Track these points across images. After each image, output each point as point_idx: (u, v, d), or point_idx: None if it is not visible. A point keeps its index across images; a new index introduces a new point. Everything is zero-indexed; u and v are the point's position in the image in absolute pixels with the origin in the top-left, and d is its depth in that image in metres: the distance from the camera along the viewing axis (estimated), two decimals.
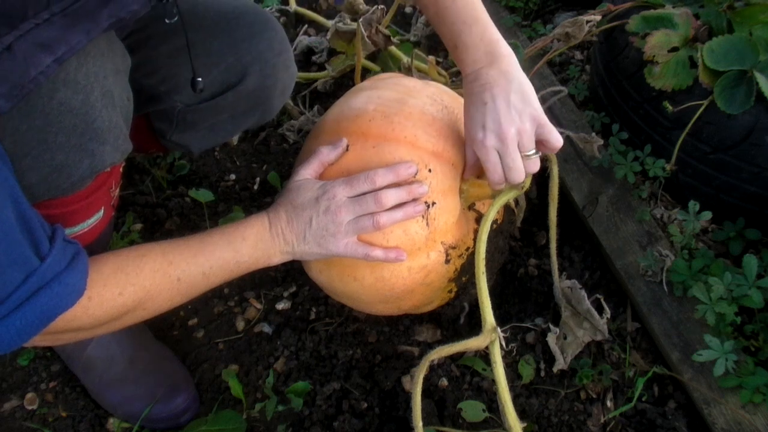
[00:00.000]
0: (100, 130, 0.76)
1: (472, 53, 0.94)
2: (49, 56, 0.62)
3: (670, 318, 1.14)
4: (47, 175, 0.74)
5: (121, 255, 0.82)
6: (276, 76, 1.07)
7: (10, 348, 0.69)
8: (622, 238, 1.26)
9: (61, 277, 0.70)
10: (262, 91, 1.06)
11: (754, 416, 1.02)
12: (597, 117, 1.44)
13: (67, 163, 0.75)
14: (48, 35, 0.60)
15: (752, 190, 1.17)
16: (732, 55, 1.13)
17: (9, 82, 0.60)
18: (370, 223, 0.91)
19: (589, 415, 1.10)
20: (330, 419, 1.11)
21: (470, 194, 1.06)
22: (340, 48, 1.66)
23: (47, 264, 0.69)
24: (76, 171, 0.76)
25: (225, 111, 1.07)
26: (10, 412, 1.16)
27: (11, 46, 0.58)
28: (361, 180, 0.91)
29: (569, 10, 1.84)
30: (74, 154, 0.75)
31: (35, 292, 0.68)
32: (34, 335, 0.70)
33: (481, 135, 0.92)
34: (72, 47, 0.63)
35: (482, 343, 0.93)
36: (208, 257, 0.88)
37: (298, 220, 0.92)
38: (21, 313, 0.67)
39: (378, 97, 1.01)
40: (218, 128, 1.11)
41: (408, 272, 0.98)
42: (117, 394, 1.13)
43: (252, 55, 1.03)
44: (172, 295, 0.86)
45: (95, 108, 0.74)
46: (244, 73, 1.03)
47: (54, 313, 0.71)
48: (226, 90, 1.04)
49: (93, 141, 0.76)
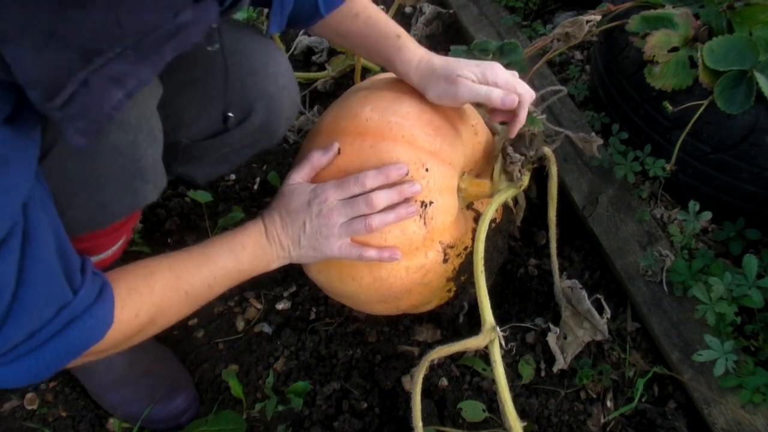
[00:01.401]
0: (144, 168, 0.77)
1: (415, 51, 0.99)
2: (121, 91, 0.60)
3: (670, 318, 1.14)
4: (90, 213, 0.75)
5: (130, 274, 0.82)
6: (281, 109, 1.05)
7: (36, 380, 0.69)
8: (622, 238, 1.26)
9: (91, 311, 0.71)
10: (268, 125, 1.04)
11: (754, 416, 1.02)
12: (597, 117, 1.44)
13: (111, 201, 0.76)
14: (120, 69, 0.59)
15: (752, 190, 1.17)
16: (732, 55, 1.13)
17: (87, 119, 0.59)
18: (363, 225, 0.91)
19: (589, 415, 1.10)
20: (330, 419, 1.11)
21: (468, 193, 1.06)
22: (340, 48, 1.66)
23: (79, 297, 0.69)
24: (118, 208, 0.77)
25: (230, 146, 1.05)
26: (10, 412, 1.16)
27: (87, 81, 0.57)
28: (351, 183, 0.91)
29: (569, 10, 1.84)
30: (119, 193, 0.76)
31: (66, 326, 0.68)
32: (60, 368, 0.70)
33: (473, 78, 0.94)
34: (141, 81, 0.62)
35: (482, 342, 0.93)
36: (211, 268, 0.88)
37: (292, 226, 0.93)
38: (52, 345, 0.67)
39: (375, 96, 1.01)
40: (223, 160, 1.10)
41: (406, 272, 0.98)
42: (117, 395, 1.13)
43: (257, 92, 1.00)
44: (180, 309, 0.87)
45: (141, 147, 0.75)
46: (249, 110, 1.01)
47: (84, 347, 0.71)
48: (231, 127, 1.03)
49: (137, 179, 0.77)
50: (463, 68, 0.95)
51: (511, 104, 0.94)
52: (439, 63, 0.97)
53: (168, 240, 1.41)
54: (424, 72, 0.98)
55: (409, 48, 0.99)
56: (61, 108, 0.56)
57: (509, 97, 0.93)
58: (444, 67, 0.96)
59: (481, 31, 1.73)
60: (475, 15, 1.79)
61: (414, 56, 0.99)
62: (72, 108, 0.57)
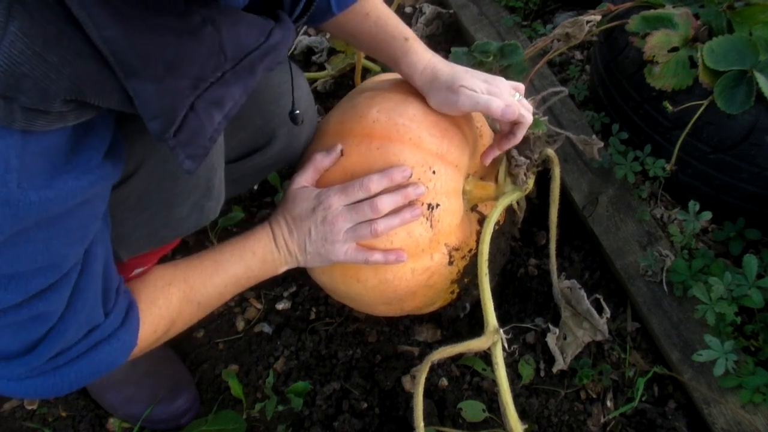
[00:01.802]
0: (213, 187, 0.77)
1: (422, 55, 0.99)
2: (220, 113, 0.62)
3: (670, 318, 1.14)
4: (158, 230, 0.75)
5: (150, 286, 0.82)
6: (302, 135, 1.05)
7: (57, 395, 0.69)
8: (622, 238, 1.26)
9: (118, 334, 0.71)
10: (289, 150, 1.04)
11: (754, 416, 1.02)
12: (597, 117, 1.44)
13: (180, 219, 0.76)
14: (220, 93, 0.60)
15: (752, 190, 1.17)
16: (732, 55, 1.13)
17: (195, 143, 0.60)
18: (368, 231, 0.91)
19: (589, 415, 1.10)
20: (330, 419, 1.11)
21: (473, 195, 1.06)
22: (340, 47, 1.66)
23: (110, 320, 0.70)
24: (184, 226, 0.78)
25: (251, 168, 1.05)
26: (10, 412, 1.16)
27: (194, 106, 0.58)
28: (356, 187, 0.91)
29: (569, 10, 1.84)
30: (188, 211, 0.76)
31: (93, 347, 0.69)
32: (82, 385, 0.70)
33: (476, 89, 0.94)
34: (236, 102, 0.63)
35: (484, 344, 0.93)
36: (222, 276, 0.88)
37: (298, 232, 0.93)
38: (77, 365, 0.68)
39: (382, 98, 1.01)
40: (241, 181, 1.09)
41: (411, 274, 0.98)
42: (118, 395, 1.13)
43: (280, 118, 0.99)
44: (192, 318, 0.87)
45: (214, 167, 0.75)
46: (271, 136, 1.00)
47: (107, 369, 0.71)
48: (253, 152, 1.02)
49: (205, 198, 0.77)
50: (468, 79, 0.95)
51: (511, 116, 0.92)
52: (445, 71, 0.97)
53: None
54: (428, 78, 0.98)
55: (417, 51, 0.99)
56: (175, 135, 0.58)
57: (510, 109, 0.91)
58: (448, 76, 0.96)
59: (481, 31, 1.73)
60: (475, 15, 1.79)
61: (420, 60, 0.98)
62: (184, 134, 0.58)
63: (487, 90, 0.94)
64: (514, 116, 0.92)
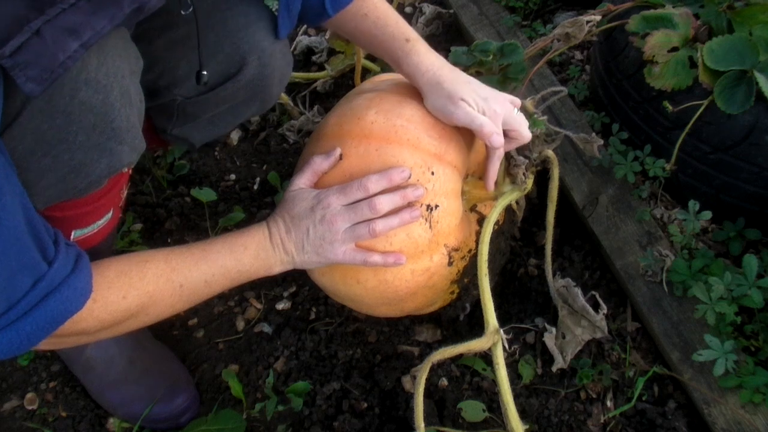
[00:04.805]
0: (119, 129, 0.76)
1: (425, 56, 1.00)
2: (76, 41, 0.63)
3: (670, 318, 1.14)
4: (66, 175, 0.75)
5: (124, 260, 0.84)
6: (274, 64, 1.05)
7: (19, 352, 0.69)
8: (622, 238, 1.26)
9: (69, 281, 0.71)
10: (261, 80, 1.05)
11: (754, 416, 1.02)
12: (597, 117, 1.44)
13: (86, 162, 0.75)
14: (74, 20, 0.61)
15: (752, 190, 1.17)
16: (732, 55, 1.13)
17: (39, 66, 0.61)
18: (366, 231, 0.91)
19: (589, 415, 1.10)
20: (330, 419, 1.11)
21: (472, 196, 1.06)
22: (339, 48, 1.66)
23: (55, 268, 0.70)
24: (94, 171, 0.77)
25: (225, 102, 1.06)
26: (10, 412, 1.16)
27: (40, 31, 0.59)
28: (354, 187, 0.91)
29: (569, 10, 1.84)
30: (93, 154, 0.75)
31: (44, 297, 0.69)
32: (42, 339, 0.70)
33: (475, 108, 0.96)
34: (97, 32, 0.64)
35: (485, 345, 0.93)
36: (210, 265, 0.89)
37: (296, 231, 0.93)
38: (31, 317, 0.68)
39: (380, 99, 1.01)
40: (219, 120, 1.10)
41: (411, 275, 0.98)
42: (117, 395, 1.13)
43: (249, 44, 1.01)
44: (174, 301, 0.87)
45: (114, 107, 0.74)
46: (242, 63, 1.01)
47: (63, 317, 0.71)
48: (225, 81, 1.03)
49: (112, 140, 0.76)
50: (469, 93, 0.96)
51: (496, 145, 0.96)
52: (448, 78, 0.97)
53: (168, 240, 1.41)
54: (430, 81, 0.98)
55: (419, 52, 0.99)
56: (11, 56, 0.59)
57: (497, 138, 0.96)
58: (451, 84, 0.96)
59: (481, 31, 1.73)
60: (475, 15, 1.79)
61: (423, 62, 0.98)
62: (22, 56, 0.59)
63: (485, 109, 0.96)
64: (498, 145, 0.97)
